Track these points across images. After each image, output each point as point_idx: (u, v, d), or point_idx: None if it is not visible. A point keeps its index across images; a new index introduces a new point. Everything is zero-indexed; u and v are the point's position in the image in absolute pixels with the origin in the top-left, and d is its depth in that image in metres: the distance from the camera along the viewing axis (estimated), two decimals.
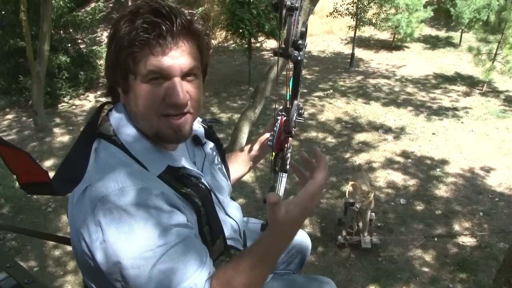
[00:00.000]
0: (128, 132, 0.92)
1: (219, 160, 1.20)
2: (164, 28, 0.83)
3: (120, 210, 0.78)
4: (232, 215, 1.11)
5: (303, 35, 0.93)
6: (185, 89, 0.88)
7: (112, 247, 0.77)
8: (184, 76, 0.88)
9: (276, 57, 0.89)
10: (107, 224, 0.78)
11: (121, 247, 0.77)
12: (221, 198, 1.09)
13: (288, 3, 0.80)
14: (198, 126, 1.14)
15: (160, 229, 0.79)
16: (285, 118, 1.15)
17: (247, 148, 1.38)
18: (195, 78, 0.92)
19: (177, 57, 0.86)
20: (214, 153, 1.19)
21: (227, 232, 1.03)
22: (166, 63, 0.85)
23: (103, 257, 0.78)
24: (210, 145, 1.18)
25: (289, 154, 1.21)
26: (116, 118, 0.94)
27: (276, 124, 1.15)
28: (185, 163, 0.99)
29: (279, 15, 0.81)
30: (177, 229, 0.82)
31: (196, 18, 0.90)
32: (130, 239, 0.77)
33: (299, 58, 0.93)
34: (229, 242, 1.03)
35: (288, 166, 1.18)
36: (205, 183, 1.01)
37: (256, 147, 1.36)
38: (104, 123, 0.94)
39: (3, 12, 9.38)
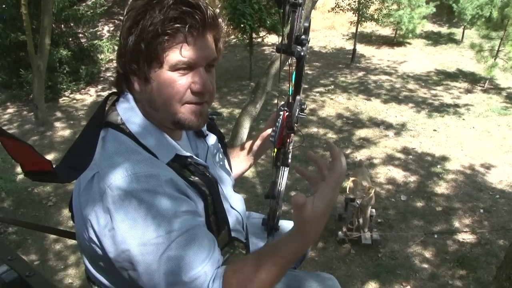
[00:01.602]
0: (136, 120, 0.92)
1: (221, 152, 1.20)
2: (198, 18, 0.85)
3: (129, 197, 0.78)
4: (235, 207, 1.11)
5: (306, 30, 0.93)
6: (208, 79, 0.91)
7: (121, 234, 0.77)
8: (207, 66, 0.91)
9: (278, 53, 0.88)
10: (116, 210, 0.77)
11: (130, 233, 0.77)
12: (225, 189, 1.09)
13: None
14: None
15: (169, 216, 0.79)
16: (287, 113, 1.14)
17: (248, 143, 1.38)
18: (213, 68, 0.95)
19: (205, 48, 0.88)
20: (216, 145, 1.19)
21: (231, 223, 1.02)
22: (196, 54, 0.87)
23: (111, 243, 0.78)
24: (212, 137, 1.18)
25: (290, 148, 1.20)
26: (124, 107, 0.94)
27: (278, 119, 1.14)
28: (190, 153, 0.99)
29: (283, 11, 0.81)
30: (186, 216, 0.82)
31: (218, 12, 0.92)
32: (139, 226, 0.77)
33: (302, 53, 0.92)
34: (233, 234, 1.03)
35: (289, 160, 1.18)
36: (211, 173, 1.01)
37: (258, 142, 1.36)
38: (111, 112, 0.94)
39: (3, 6, 9.36)
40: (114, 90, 1.00)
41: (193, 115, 0.92)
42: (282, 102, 1.21)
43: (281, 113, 1.15)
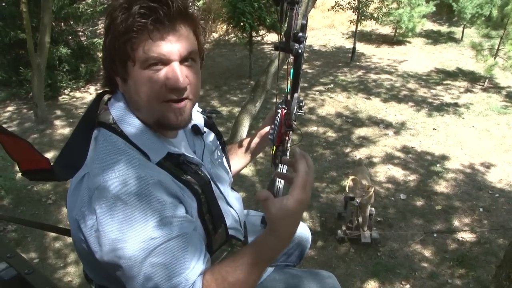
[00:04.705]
0: (128, 120, 0.92)
1: (220, 150, 1.20)
2: (161, 12, 0.82)
3: (116, 199, 0.78)
4: (233, 205, 1.11)
5: (303, 28, 0.93)
6: (184, 74, 0.88)
7: (106, 236, 0.77)
8: (183, 60, 0.88)
9: (277, 51, 0.88)
10: (102, 213, 0.77)
11: (115, 236, 0.77)
12: (221, 188, 1.09)
13: None
14: (198, 116, 1.13)
15: (155, 222, 0.79)
16: (285, 111, 1.14)
17: (246, 141, 1.38)
18: (193, 62, 0.92)
19: (175, 42, 0.85)
20: (214, 143, 1.19)
21: (228, 221, 1.02)
22: (165, 48, 0.84)
23: (97, 245, 0.79)
24: (210, 135, 1.18)
25: (289, 146, 1.20)
26: (115, 106, 0.93)
27: (276, 117, 1.14)
28: (185, 151, 0.99)
29: (280, 8, 0.80)
30: (174, 222, 0.82)
31: (190, 3, 0.89)
32: (124, 229, 0.77)
33: (300, 51, 0.92)
34: (230, 232, 1.02)
35: (288, 158, 1.18)
36: (205, 171, 1.01)
37: (256, 140, 1.36)
38: (103, 112, 0.93)
39: (3, 4, 9.34)
40: (105, 88, 1.00)
41: (172, 114, 0.90)
42: (280, 100, 1.21)
43: (279, 110, 1.15)
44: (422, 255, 4.32)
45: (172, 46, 0.85)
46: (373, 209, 4.54)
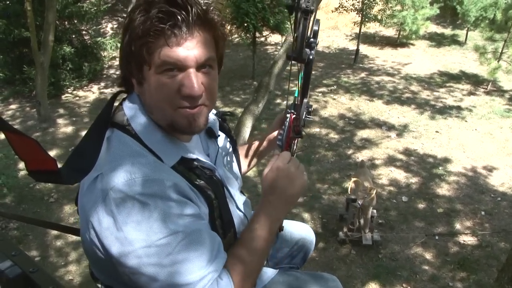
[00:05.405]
0: (142, 122, 0.91)
1: (231, 153, 1.19)
2: (179, 18, 0.81)
3: (132, 200, 0.77)
4: (242, 209, 1.11)
5: (315, 34, 0.92)
6: (200, 81, 0.87)
7: (124, 236, 0.77)
8: (199, 67, 0.87)
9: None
10: (120, 213, 0.77)
11: (134, 235, 0.76)
12: (232, 192, 1.08)
13: (304, 5, 0.78)
14: (212, 118, 1.12)
15: (173, 219, 0.79)
16: (294, 116, 1.14)
17: (254, 144, 1.38)
18: (211, 69, 0.90)
19: (192, 48, 0.84)
20: (227, 146, 1.18)
21: (237, 225, 1.02)
22: (181, 54, 0.83)
23: (113, 245, 0.78)
24: (224, 138, 1.17)
25: (295, 149, 1.21)
26: (130, 107, 0.93)
27: (285, 122, 1.14)
28: (198, 155, 0.98)
29: (295, 18, 0.80)
30: (189, 219, 0.82)
31: (211, 8, 0.88)
32: (143, 228, 0.77)
33: (311, 57, 0.91)
34: (238, 236, 1.02)
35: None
36: (218, 176, 1.00)
37: (264, 144, 1.36)
38: (117, 113, 0.92)
39: (8, 2, 9.36)
40: (120, 88, 1.00)
41: (185, 120, 0.89)
42: (289, 103, 1.21)
43: (288, 115, 1.15)
44: (423, 258, 4.31)
45: (188, 52, 0.83)
46: (374, 211, 4.54)
